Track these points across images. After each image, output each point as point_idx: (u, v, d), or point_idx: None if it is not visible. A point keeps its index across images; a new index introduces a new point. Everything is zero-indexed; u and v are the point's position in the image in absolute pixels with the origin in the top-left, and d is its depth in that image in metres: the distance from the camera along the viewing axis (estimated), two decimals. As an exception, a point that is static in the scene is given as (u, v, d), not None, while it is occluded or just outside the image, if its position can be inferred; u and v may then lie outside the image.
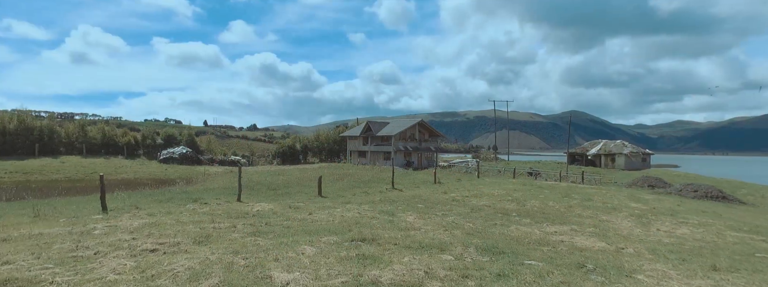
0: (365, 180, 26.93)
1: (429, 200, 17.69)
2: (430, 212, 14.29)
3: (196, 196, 16.93)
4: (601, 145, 57.17)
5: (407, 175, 32.84)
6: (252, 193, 20.05)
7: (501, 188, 23.11)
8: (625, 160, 52.23)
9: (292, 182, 25.84)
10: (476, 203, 17.41)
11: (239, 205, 14.25)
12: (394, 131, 51.91)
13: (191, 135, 55.47)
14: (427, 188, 23.65)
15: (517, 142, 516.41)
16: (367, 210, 13.76)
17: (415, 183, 26.04)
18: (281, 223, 10.41)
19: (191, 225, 9.62)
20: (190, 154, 49.11)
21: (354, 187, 23.60)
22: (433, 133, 58.09)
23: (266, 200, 16.06)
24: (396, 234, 9.33)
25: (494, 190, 21.98)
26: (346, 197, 18.73)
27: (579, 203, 18.52)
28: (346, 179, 27.61)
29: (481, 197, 19.34)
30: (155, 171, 41.36)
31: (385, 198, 17.93)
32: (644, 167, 52.91)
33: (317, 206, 14.55)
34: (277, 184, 24.66)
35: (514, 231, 11.17)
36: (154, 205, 13.79)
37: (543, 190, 22.71)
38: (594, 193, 21.94)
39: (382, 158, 53.83)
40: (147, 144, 52.81)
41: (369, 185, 24.93)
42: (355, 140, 57.65)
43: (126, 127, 64.32)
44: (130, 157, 49.33)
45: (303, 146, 65.06)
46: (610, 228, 12.54)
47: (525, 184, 25.68)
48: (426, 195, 19.51)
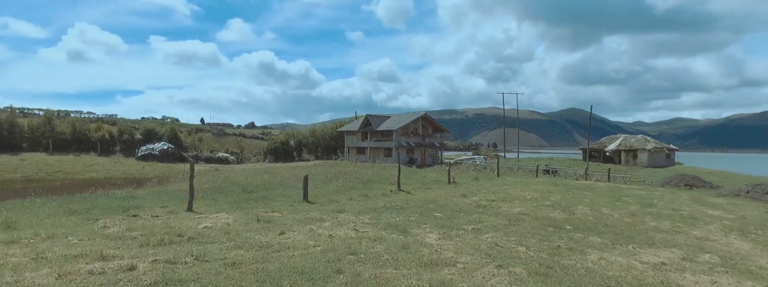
0: (364, 180, 22.76)
1: (447, 207, 13.57)
2: (455, 225, 10.20)
3: (137, 203, 12.75)
4: (621, 140, 52.89)
5: (413, 174, 28.64)
6: (218, 198, 15.80)
7: (530, 189, 18.97)
8: (648, 156, 47.99)
9: (276, 182, 21.59)
10: (509, 211, 13.30)
11: (186, 217, 10.08)
12: (396, 126, 47.71)
13: (174, 130, 51.04)
14: (440, 189, 19.49)
15: (512, 140, 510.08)
16: (368, 224, 9.65)
17: (425, 183, 21.88)
18: (225, 256, 6.27)
19: (46, 265, 5.44)
20: (172, 151, 44.76)
21: (351, 188, 19.42)
22: (438, 128, 53.88)
23: (230, 209, 11.89)
24: (419, 281, 5.25)
25: (524, 192, 17.86)
26: (341, 202, 14.58)
27: (639, 209, 14.41)
28: (342, 179, 23.40)
29: (511, 202, 15.22)
30: (130, 170, 37.13)
31: (391, 204, 13.80)
32: (668, 164, 48.77)
33: (298, 217, 10.41)
34: (256, 185, 20.42)
35: (599, 262, 7.07)
36: (53, 219, 9.59)
37: (582, 192, 18.59)
38: (646, 196, 17.83)
39: (382, 155, 49.65)
40: (124, 140, 48.28)
41: (369, 185, 20.81)
42: (354, 135, 53.42)
43: (107, 122, 59.77)
44: (104, 154, 44.91)
45: (297, 142, 60.72)
46: (734, 255, 8.40)
47: (557, 184, 21.54)
48: (442, 199, 15.38)
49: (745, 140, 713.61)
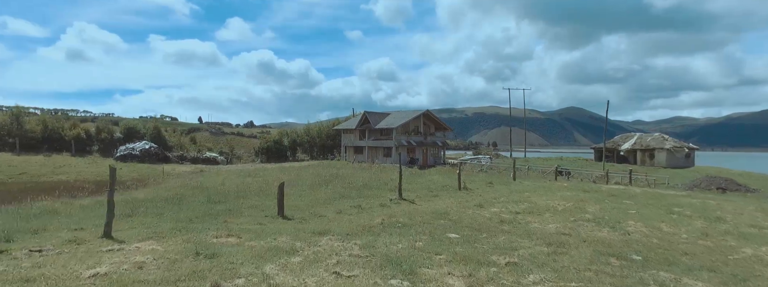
0: (359, 185, 19.62)
1: (463, 223, 10.48)
2: (481, 256, 7.15)
3: (42, 224, 9.59)
4: (636, 139, 49.60)
5: (416, 177, 25.48)
6: (166, 213, 12.39)
7: (557, 196, 15.87)
8: (666, 156, 44.73)
9: (254, 188, 18.41)
10: (543, 229, 10.23)
11: (87, 252, 6.93)
12: (396, 123, 44.57)
13: (158, 129, 47.72)
14: (449, 197, 16.37)
15: (515, 138, 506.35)
16: (357, 260, 6.57)
17: (431, 189, 18.74)
18: None
19: None
20: (154, 150, 41.55)
21: (343, 197, 16.29)
22: (440, 126, 50.75)
23: (169, 232, 8.76)
24: None
25: (551, 200, 14.77)
26: (327, 217, 11.46)
27: (708, 226, 11.33)
28: (335, 184, 20.27)
29: (541, 215, 12.14)
30: (105, 171, 33.92)
31: (391, 219, 10.71)
32: (688, 165, 45.58)
33: (259, 247, 7.31)
34: (229, 192, 17.27)
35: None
36: None
37: (619, 200, 15.49)
38: (700, 205, 14.73)
39: (381, 155, 46.54)
40: (102, 139, 44.97)
41: (365, 192, 17.70)
42: (351, 133, 50.26)
43: (86, 120, 56.35)
44: (80, 154, 41.61)
45: (291, 141, 57.49)
46: None
47: (585, 190, 18.43)
48: (454, 212, 12.29)
49: (745, 138, 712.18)
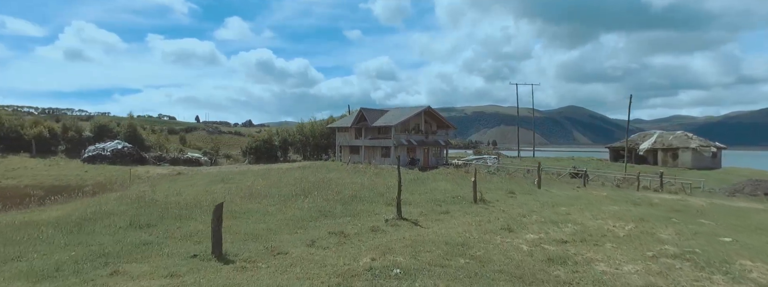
0: (348, 196, 15.68)
1: (494, 265, 6.74)
2: None
3: None
4: (656, 137, 45.62)
5: (418, 183, 21.60)
6: (57, 243, 8.48)
7: (602, 212, 12.11)
8: (691, 156, 40.81)
9: (208, 202, 14.28)
10: (625, 281, 6.48)
11: None
12: (395, 121, 40.81)
13: (133, 127, 43.74)
14: (464, 213, 12.58)
15: (515, 137, 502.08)
16: None
17: (438, 201, 14.93)
18: None
19: None
20: (128, 150, 37.68)
21: (323, 215, 12.46)
22: (443, 124, 47.01)
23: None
24: None
25: (598, 218, 11.03)
26: (288, 256, 7.67)
27: None
28: (317, 194, 16.37)
29: (600, 245, 8.40)
30: (68, 174, 30.21)
31: (384, 260, 6.97)
32: (714, 165, 41.74)
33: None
34: (172, 208, 13.32)
35: None
36: None
37: (690, 217, 11.76)
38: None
39: (379, 155, 42.80)
40: (70, 138, 41.09)
41: (354, 207, 13.89)
42: (346, 132, 46.47)
43: (48, 119, 52.12)
44: (42, 155, 37.71)
45: (282, 140, 53.61)
46: None
47: (635, 203, 14.67)
48: (476, 241, 8.55)
49: (743, 137, 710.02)
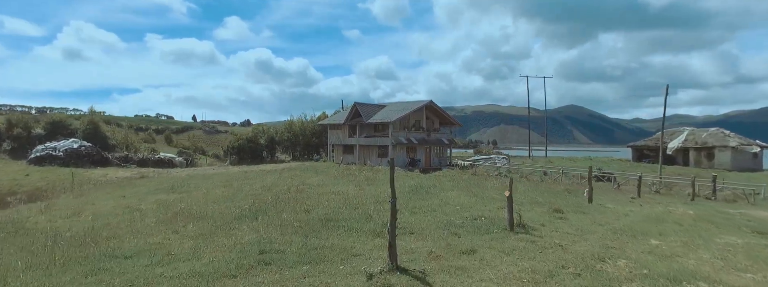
0: (317, 219, 10.51)
1: None
2: None
3: None
4: (686, 135, 40.79)
5: (421, 194, 16.69)
6: None
7: (715, 245, 7.34)
8: (731, 156, 36.09)
9: (117, 227, 9.62)
10: None
11: None
12: (393, 117, 36.15)
13: (95, 123, 38.81)
14: (501, 254, 7.79)
15: (515, 137, 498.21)
16: None
17: (451, 226, 10.09)
18: None
19: None
20: (86, 150, 32.87)
21: (261, 261, 7.53)
22: (446, 120, 42.32)
23: None
24: None
25: (718, 258, 6.24)
26: None
27: None
28: (272, 215, 11.37)
29: None
30: (2, 178, 25.45)
31: None
32: (756, 167, 37.03)
33: None
34: (53, 241, 8.68)
35: None
36: None
37: None
38: None
39: (375, 155, 38.14)
40: (16, 136, 36.35)
41: (321, 240, 8.96)
42: (339, 129, 41.76)
43: None
44: (-20, 155, 33.15)
45: (268, 139, 48.80)
46: None
47: (759, 231, 9.95)
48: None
49: (743, 136, 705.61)
